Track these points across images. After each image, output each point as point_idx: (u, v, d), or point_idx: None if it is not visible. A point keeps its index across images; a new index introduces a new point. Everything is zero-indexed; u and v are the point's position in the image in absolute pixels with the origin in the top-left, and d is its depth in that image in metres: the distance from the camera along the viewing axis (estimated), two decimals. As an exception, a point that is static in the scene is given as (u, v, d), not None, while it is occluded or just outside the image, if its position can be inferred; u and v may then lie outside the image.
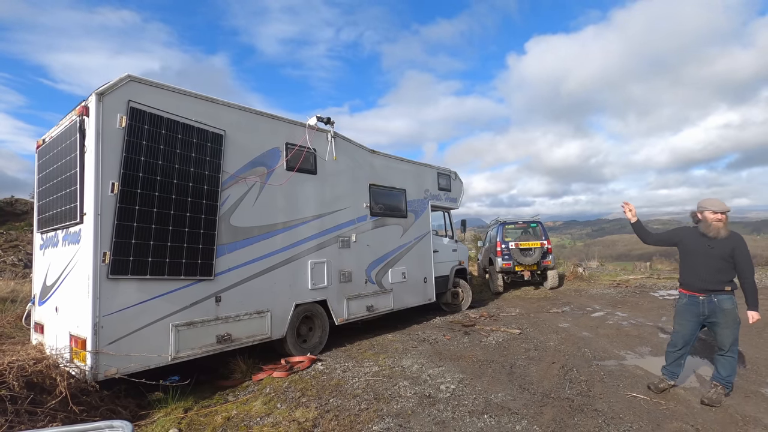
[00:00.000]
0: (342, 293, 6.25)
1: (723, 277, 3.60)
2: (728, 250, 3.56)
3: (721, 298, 3.63)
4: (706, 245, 3.69)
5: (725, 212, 3.66)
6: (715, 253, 3.63)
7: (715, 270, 3.64)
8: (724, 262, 3.59)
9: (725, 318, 3.61)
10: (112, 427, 1.70)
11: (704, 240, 3.71)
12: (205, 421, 3.76)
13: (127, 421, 1.76)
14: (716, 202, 3.70)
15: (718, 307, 3.64)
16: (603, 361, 4.94)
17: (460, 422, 3.40)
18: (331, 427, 3.43)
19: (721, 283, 3.61)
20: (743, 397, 3.75)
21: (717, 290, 3.64)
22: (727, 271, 3.59)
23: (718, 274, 3.62)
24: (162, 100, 4.34)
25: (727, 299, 3.60)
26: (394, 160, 7.65)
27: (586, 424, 3.26)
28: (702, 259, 3.72)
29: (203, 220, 4.57)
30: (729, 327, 3.60)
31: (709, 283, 3.67)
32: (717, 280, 3.63)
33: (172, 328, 4.25)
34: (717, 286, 3.63)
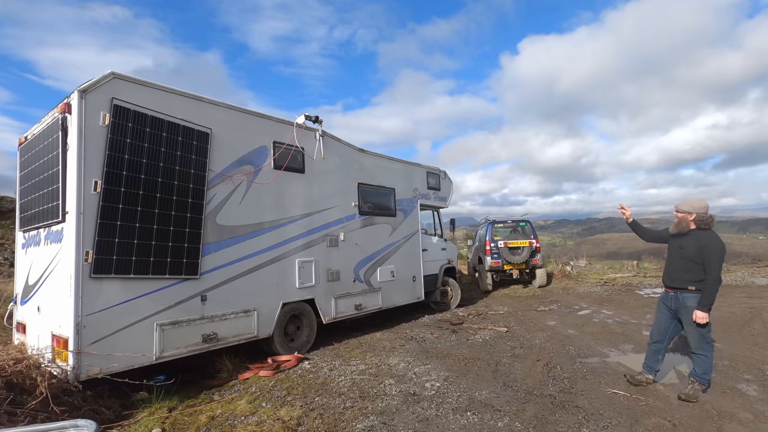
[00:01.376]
0: (330, 292, 6.25)
1: (689, 276, 3.67)
2: (697, 250, 3.62)
3: (686, 296, 3.70)
4: (678, 245, 3.76)
5: (680, 211, 3.74)
6: (684, 253, 3.70)
7: (682, 269, 3.71)
8: (692, 262, 3.65)
9: (688, 316, 3.68)
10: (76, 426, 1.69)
11: (677, 240, 3.79)
12: (190, 420, 3.75)
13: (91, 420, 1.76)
14: (682, 202, 3.78)
15: (682, 305, 3.72)
16: (587, 358, 5.01)
17: (444, 420, 3.43)
18: (316, 425, 3.44)
19: (686, 282, 3.68)
20: (720, 393, 3.83)
21: (682, 288, 3.72)
22: (693, 270, 3.64)
23: (684, 273, 3.69)
24: (146, 97, 4.30)
25: (691, 298, 3.66)
26: (383, 159, 7.66)
27: (567, 420, 3.32)
28: (674, 258, 3.81)
29: (189, 219, 4.54)
30: (692, 325, 3.66)
31: (676, 281, 3.75)
32: (683, 278, 3.70)
33: (157, 328, 4.23)
34: (682, 285, 3.71)
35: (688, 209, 3.72)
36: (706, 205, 3.71)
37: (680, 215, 3.76)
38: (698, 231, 3.70)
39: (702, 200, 3.73)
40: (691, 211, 3.70)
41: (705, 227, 3.69)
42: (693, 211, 3.69)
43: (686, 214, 3.72)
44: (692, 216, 3.70)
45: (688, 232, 3.73)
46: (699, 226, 3.69)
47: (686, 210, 3.72)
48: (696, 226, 3.70)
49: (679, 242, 3.76)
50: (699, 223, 3.68)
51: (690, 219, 3.71)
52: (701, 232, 3.69)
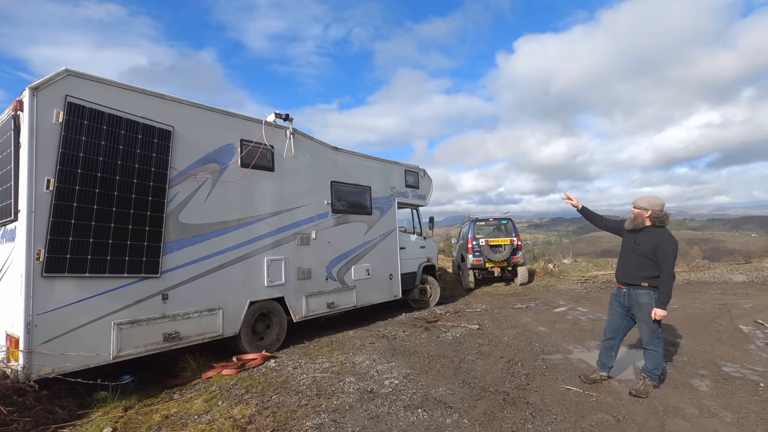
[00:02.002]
0: (301, 290, 6.24)
1: (642, 272, 3.69)
2: (651, 247, 3.65)
3: (639, 292, 3.72)
4: (633, 241, 3.78)
5: (636, 207, 3.77)
6: (638, 250, 3.72)
7: (636, 265, 3.73)
8: (646, 258, 3.67)
9: (641, 312, 3.70)
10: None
11: (632, 235, 3.81)
12: (143, 419, 3.74)
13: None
14: (643, 198, 3.80)
15: (635, 301, 3.74)
16: (550, 355, 5.04)
17: (394, 417, 3.44)
18: (266, 423, 3.44)
19: (639, 278, 3.70)
20: (672, 388, 3.86)
21: (635, 284, 3.74)
22: (647, 267, 3.66)
23: (637, 269, 3.72)
24: (104, 95, 4.27)
25: (644, 294, 3.69)
26: (358, 157, 7.65)
27: (514, 416, 3.33)
28: (628, 254, 3.83)
29: (149, 217, 4.52)
30: (645, 321, 3.69)
31: (630, 277, 3.77)
32: (636, 275, 3.72)
33: (114, 327, 4.21)
34: (636, 281, 3.73)
35: (644, 206, 3.73)
36: (662, 203, 3.73)
37: (636, 211, 3.78)
38: (653, 228, 3.72)
39: (658, 198, 3.75)
40: (647, 208, 3.72)
41: (660, 225, 3.71)
42: (649, 207, 3.71)
43: (642, 210, 3.74)
44: (648, 213, 3.72)
45: (643, 228, 3.75)
46: (654, 224, 3.71)
47: (643, 206, 3.74)
48: (651, 223, 3.72)
49: (635, 238, 3.77)
50: (654, 220, 3.70)
51: (646, 216, 3.73)
52: (656, 229, 3.71)
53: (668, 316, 6.88)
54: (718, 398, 3.58)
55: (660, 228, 3.71)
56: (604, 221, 4.17)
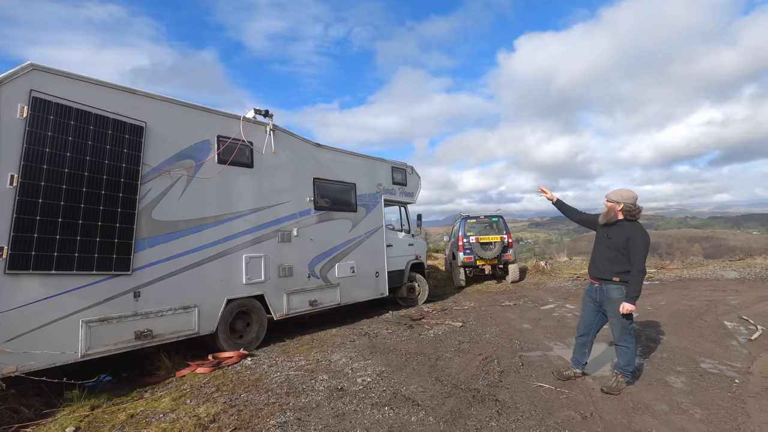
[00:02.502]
0: (282, 288, 6.18)
1: (614, 267, 3.62)
2: (623, 241, 3.58)
3: (610, 287, 3.66)
4: (605, 235, 3.72)
5: (609, 200, 3.70)
6: (610, 244, 3.66)
7: (608, 259, 3.67)
8: (618, 253, 3.60)
9: (612, 307, 3.64)
10: None
11: (604, 230, 3.74)
12: (109, 418, 3.68)
13: None
14: (615, 191, 3.73)
15: (606, 296, 3.68)
16: (529, 352, 4.97)
17: (360, 415, 3.38)
18: (230, 422, 3.38)
19: (611, 273, 3.64)
20: (647, 385, 3.79)
21: (606, 279, 3.67)
22: (619, 261, 3.60)
23: (609, 263, 3.65)
24: (71, 90, 4.21)
25: (615, 289, 3.62)
26: (342, 153, 7.59)
27: (480, 413, 3.27)
28: (600, 249, 3.76)
29: (119, 214, 4.46)
30: (616, 316, 3.63)
31: (601, 271, 3.71)
32: (608, 269, 3.66)
33: (83, 324, 4.15)
34: (607, 276, 3.66)
35: (616, 199, 3.66)
36: (634, 196, 3.66)
37: (609, 204, 3.70)
38: (625, 222, 3.65)
39: (631, 191, 3.69)
40: (619, 201, 3.65)
41: (631, 218, 3.64)
42: (621, 200, 3.65)
43: (614, 203, 3.67)
44: (620, 206, 3.65)
45: (615, 222, 3.68)
46: (626, 217, 3.64)
47: (615, 199, 3.67)
48: (623, 216, 3.65)
49: (607, 232, 3.71)
50: (626, 213, 3.63)
51: (618, 209, 3.66)
52: (628, 223, 3.64)
53: (654, 312, 6.83)
54: (691, 395, 3.51)
55: (632, 221, 3.64)
56: (578, 215, 4.10)
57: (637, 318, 6.51)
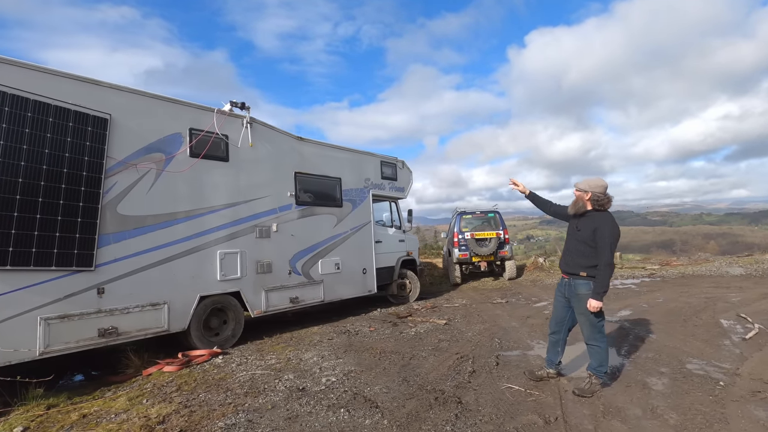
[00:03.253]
0: (260, 284, 6.03)
1: (582, 261, 3.40)
2: (590, 233, 3.35)
3: (577, 282, 3.43)
4: (575, 227, 3.49)
5: (578, 190, 3.46)
6: (579, 236, 3.43)
7: (576, 253, 3.44)
8: (586, 245, 3.37)
9: (580, 304, 3.41)
10: None
11: (574, 221, 3.51)
12: (61, 418, 3.56)
13: None
14: (585, 180, 3.50)
15: (574, 292, 3.45)
16: (508, 351, 4.75)
17: (313, 417, 3.21)
18: (178, 423, 3.23)
19: (578, 267, 3.41)
20: (624, 387, 3.55)
21: (574, 274, 3.44)
22: (587, 255, 3.37)
23: (577, 257, 3.43)
24: (29, 81, 4.09)
25: (583, 284, 3.39)
26: (326, 147, 7.41)
27: (438, 417, 3.07)
28: (570, 241, 3.54)
29: (81, 208, 4.34)
30: (584, 314, 3.40)
31: (569, 265, 3.49)
32: (576, 263, 3.44)
33: (41, 322, 4.04)
34: (575, 270, 3.44)
35: (585, 188, 3.43)
36: (604, 185, 3.43)
37: (578, 194, 3.48)
38: (594, 212, 3.43)
39: (601, 179, 3.46)
40: (587, 190, 3.42)
41: (600, 208, 3.41)
42: (589, 189, 3.41)
43: (582, 192, 3.44)
44: (588, 195, 3.42)
45: (584, 213, 3.46)
46: (594, 207, 3.42)
47: (583, 188, 3.44)
48: (592, 206, 3.43)
49: (576, 224, 3.49)
50: (594, 203, 3.40)
51: (586, 198, 3.43)
52: (597, 213, 3.42)
53: (649, 310, 6.54)
54: (670, 398, 3.27)
55: (601, 212, 3.41)
56: (552, 207, 3.87)
57: (629, 316, 6.24)
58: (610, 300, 7.66)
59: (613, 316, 6.22)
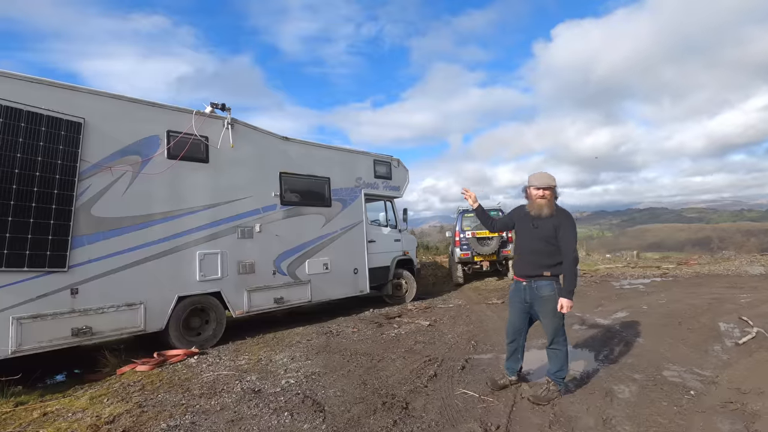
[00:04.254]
0: (242, 285, 6.04)
1: (544, 260, 3.20)
2: (551, 230, 3.16)
3: (540, 284, 3.23)
4: (531, 225, 3.29)
5: (549, 187, 3.24)
6: (538, 234, 3.24)
7: (536, 252, 3.25)
8: (547, 244, 3.18)
9: (544, 306, 3.21)
10: None
11: (530, 219, 3.32)
12: (23, 416, 3.64)
13: None
14: (541, 176, 3.29)
15: (537, 295, 3.25)
16: (481, 354, 4.58)
17: (256, 420, 3.16)
18: (125, 423, 3.25)
19: (540, 267, 3.22)
20: (587, 394, 3.34)
21: (536, 275, 3.24)
22: (549, 254, 3.18)
23: (538, 257, 3.23)
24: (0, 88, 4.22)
25: (546, 286, 3.20)
26: (314, 147, 7.38)
27: (378, 423, 2.96)
28: (526, 241, 3.35)
29: (54, 211, 4.44)
30: (548, 316, 3.21)
31: (531, 267, 3.28)
32: (537, 264, 3.24)
33: (13, 321, 4.15)
34: (536, 271, 3.24)
35: (551, 183, 3.23)
36: (553, 177, 3.25)
37: (548, 193, 3.24)
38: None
39: (546, 172, 3.28)
40: (553, 185, 3.24)
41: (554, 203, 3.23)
42: (555, 183, 3.24)
43: (551, 190, 3.24)
44: (551, 192, 3.24)
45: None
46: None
47: (551, 184, 3.23)
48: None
49: (533, 222, 3.28)
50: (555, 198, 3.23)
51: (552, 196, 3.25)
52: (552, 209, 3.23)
53: (646, 312, 6.20)
54: (631, 407, 3.04)
55: (558, 208, 3.22)
56: (495, 222, 3.68)
57: (623, 318, 5.93)
58: (610, 301, 7.32)
59: (606, 318, 5.92)
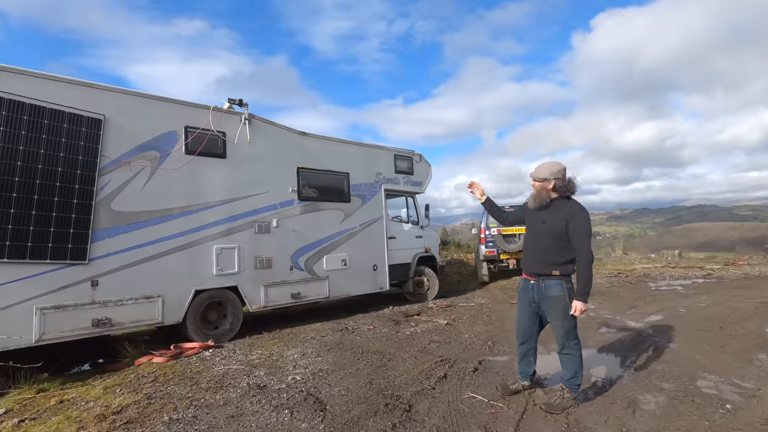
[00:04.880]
0: (259, 280, 6.06)
1: (552, 258, 2.96)
2: (561, 225, 2.91)
3: (548, 283, 2.99)
4: (540, 220, 3.06)
5: (541, 178, 3.00)
6: (545, 230, 3.00)
7: (544, 249, 3.01)
8: (557, 240, 2.94)
9: (552, 308, 2.97)
10: None
11: (538, 215, 3.08)
12: (42, 403, 3.76)
13: None
14: (539, 167, 3.07)
15: (545, 295, 3.00)
16: (497, 356, 4.35)
17: (256, 416, 3.11)
18: (130, 414, 3.28)
19: (548, 266, 2.98)
20: (608, 403, 3.07)
21: (544, 274, 3.00)
22: (558, 251, 2.94)
23: (546, 254, 2.99)
24: (24, 86, 4.35)
25: (555, 285, 2.95)
26: (332, 142, 7.31)
27: (376, 425, 2.83)
28: (534, 237, 3.12)
29: (75, 205, 4.58)
30: (558, 318, 2.96)
31: (538, 265, 3.05)
32: (545, 262, 3.00)
33: (37, 311, 4.31)
34: (544, 269, 3.00)
35: (545, 176, 3.01)
36: (562, 167, 3.02)
37: (538, 185, 3.05)
38: (561, 201, 3.00)
39: (557, 162, 3.05)
40: (548, 178, 3.00)
41: (567, 194, 2.98)
42: (551, 177, 3.00)
43: (544, 182, 3.01)
44: (551, 184, 2.99)
45: (549, 203, 3.03)
46: (561, 194, 2.99)
47: (544, 177, 3.01)
48: (558, 194, 3.00)
49: (541, 217, 3.06)
50: (560, 190, 2.98)
51: (549, 187, 3.01)
52: (564, 201, 2.99)
53: (684, 315, 5.74)
54: (656, 420, 2.76)
55: (568, 200, 2.97)
56: (507, 216, 3.47)
57: (657, 322, 5.51)
58: (644, 303, 6.85)
59: (638, 321, 5.52)
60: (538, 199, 3.05)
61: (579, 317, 2.97)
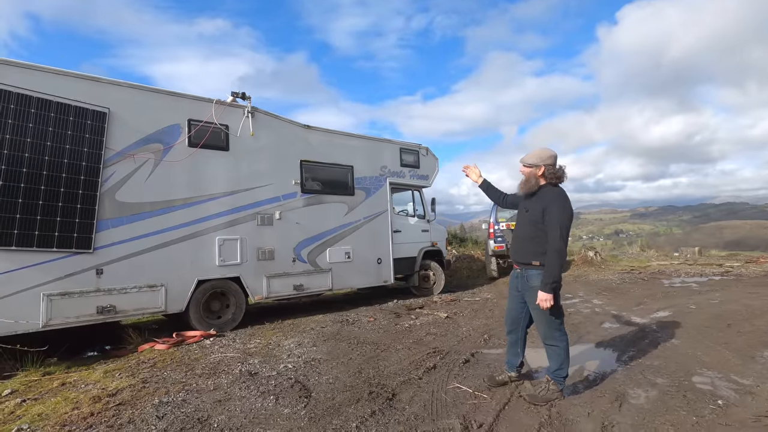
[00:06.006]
0: (261, 271, 6.14)
1: (532, 247, 2.90)
2: (539, 214, 2.84)
3: (530, 273, 2.93)
4: (524, 209, 2.99)
5: (531, 164, 2.93)
6: (528, 219, 2.94)
7: (525, 239, 2.96)
8: (536, 228, 2.88)
9: (531, 297, 2.91)
10: None
11: (523, 203, 3.02)
12: (45, 385, 3.91)
13: None
14: (530, 153, 2.98)
15: (527, 284, 2.95)
16: (492, 349, 4.30)
17: (240, 401, 3.16)
18: (122, 397, 3.38)
19: (529, 255, 2.91)
20: (595, 396, 3.00)
21: (525, 263, 2.94)
22: (539, 240, 2.87)
23: (528, 243, 2.93)
24: (31, 80, 4.51)
25: (536, 275, 2.89)
26: (336, 135, 7.33)
27: (355, 412, 2.83)
28: (519, 225, 3.06)
29: (80, 196, 4.72)
30: (536, 308, 2.89)
31: (520, 254, 2.99)
32: (526, 251, 2.94)
33: (44, 297, 4.47)
34: (525, 258, 2.94)
35: (535, 161, 2.94)
36: (554, 154, 2.95)
37: (527, 170, 2.99)
38: (546, 188, 2.93)
39: (548, 149, 2.96)
40: (538, 164, 2.93)
41: (555, 182, 2.90)
42: (541, 163, 2.92)
43: (533, 168, 2.94)
44: (540, 170, 2.92)
45: (537, 190, 2.96)
46: (549, 181, 2.92)
47: (533, 163, 2.95)
48: (546, 181, 2.93)
49: (526, 205, 3.00)
50: (549, 177, 2.91)
51: (539, 174, 2.94)
52: (548, 189, 2.92)
53: (693, 312, 5.56)
54: (642, 414, 2.68)
55: (552, 187, 2.90)
56: (506, 197, 3.39)
57: (664, 317, 5.34)
58: (654, 299, 6.65)
59: (643, 317, 5.37)
60: (527, 185, 2.98)
61: (583, 313, 2.90)
